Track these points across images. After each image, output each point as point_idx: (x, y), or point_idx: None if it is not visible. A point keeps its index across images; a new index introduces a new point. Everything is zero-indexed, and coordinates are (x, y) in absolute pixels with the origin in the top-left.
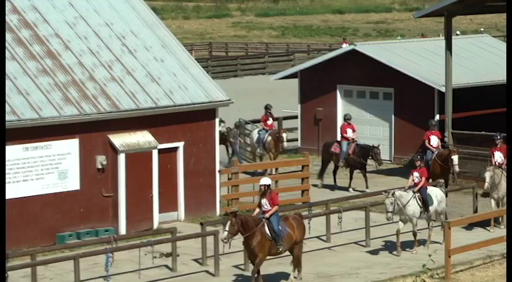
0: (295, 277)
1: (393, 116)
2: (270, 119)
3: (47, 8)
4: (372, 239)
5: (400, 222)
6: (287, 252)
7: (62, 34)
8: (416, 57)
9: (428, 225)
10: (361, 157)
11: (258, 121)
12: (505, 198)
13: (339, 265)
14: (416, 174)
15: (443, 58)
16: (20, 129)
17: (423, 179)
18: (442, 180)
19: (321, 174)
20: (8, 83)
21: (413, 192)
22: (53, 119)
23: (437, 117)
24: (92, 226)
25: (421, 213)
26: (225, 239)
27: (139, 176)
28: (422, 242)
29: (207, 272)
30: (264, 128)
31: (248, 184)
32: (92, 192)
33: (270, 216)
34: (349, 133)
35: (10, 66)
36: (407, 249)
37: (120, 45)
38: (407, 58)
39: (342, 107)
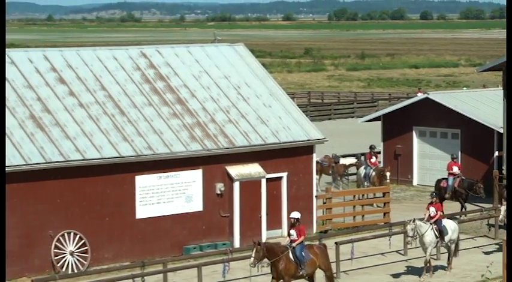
0: None
1: (460, 153)
2: (374, 157)
3: (178, 63)
4: (442, 253)
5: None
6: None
7: (189, 85)
8: (479, 104)
9: (449, 252)
10: (465, 189)
11: (347, 156)
12: None
13: (414, 274)
14: (432, 208)
15: (501, 105)
16: (155, 161)
17: (438, 212)
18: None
19: None
20: (145, 124)
21: (430, 224)
22: (181, 153)
23: (496, 153)
24: (212, 240)
25: (437, 243)
26: (251, 264)
27: (250, 200)
28: (437, 268)
29: (305, 278)
30: (369, 165)
31: (339, 207)
32: (212, 213)
33: (296, 244)
34: (455, 170)
35: (147, 111)
36: (427, 275)
37: (236, 93)
38: (471, 105)
39: (417, 144)
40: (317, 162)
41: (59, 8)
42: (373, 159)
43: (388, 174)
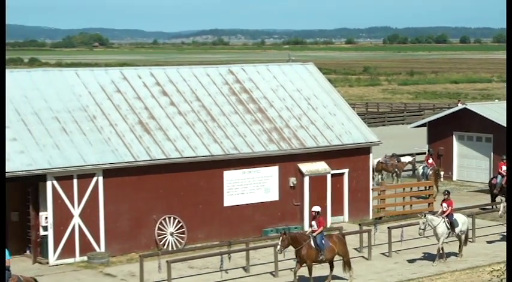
0: (350, 276)
1: (492, 153)
2: (431, 158)
3: (259, 79)
4: (476, 237)
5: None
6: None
7: (268, 96)
8: None
9: (460, 241)
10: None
11: (402, 155)
12: None
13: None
14: (444, 204)
15: None
16: (240, 159)
17: (450, 208)
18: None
19: (491, 198)
20: (232, 128)
21: (443, 218)
22: (261, 153)
23: None
24: (286, 224)
25: (449, 234)
26: (278, 250)
27: (318, 192)
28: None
29: (363, 257)
30: (426, 165)
31: (391, 198)
32: (286, 202)
33: (316, 234)
34: (504, 168)
35: (234, 118)
36: (440, 260)
37: (306, 104)
38: (502, 114)
39: (456, 146)
40: (380, 162)
41: (162, 34)
42: (430, 160)
43: (442, 172)
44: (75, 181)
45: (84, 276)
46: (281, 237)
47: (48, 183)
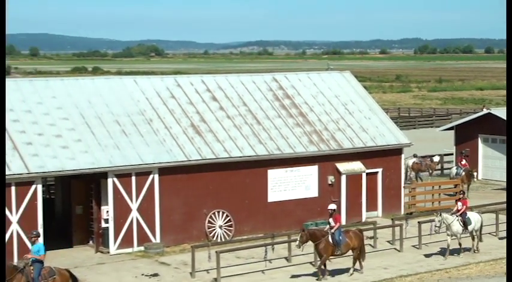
0: (360, 267)
1: None
2: (464, 160)
3: (300, 86)
4: (499, 231)
5: (448, 237)
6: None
7: (308, 102)
8: None
9: (473, 239)
10: None
11: (429, 156)
12: None
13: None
14: (459, 203)
15: None
16: (283, 159)
17: (464, 207)
18: None
19: None
20: (275, 131)
21: (456, 216)
22: (302, 153)
23: None
24: (324, 219)
25: (462, 231)
26: (297, 245)
27: (354, 189)
28: (468, 249)
29: (395, 249)
30: (459, 166)
31: (421, 195)
32: (324, 199)
33: (334, 230)
34: None
35: (277, 121)
36: (454, 254)
37: (343, 109)
38: None
39: (481, 148)
40: (416, 162)
41: (212, 45)
42: (463, 162)
43: (475, 173)
44: (133, 178)
45: (141, 264)
46: (300, 233)
47: (109, 180)
